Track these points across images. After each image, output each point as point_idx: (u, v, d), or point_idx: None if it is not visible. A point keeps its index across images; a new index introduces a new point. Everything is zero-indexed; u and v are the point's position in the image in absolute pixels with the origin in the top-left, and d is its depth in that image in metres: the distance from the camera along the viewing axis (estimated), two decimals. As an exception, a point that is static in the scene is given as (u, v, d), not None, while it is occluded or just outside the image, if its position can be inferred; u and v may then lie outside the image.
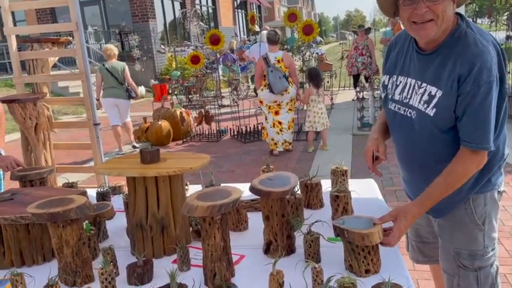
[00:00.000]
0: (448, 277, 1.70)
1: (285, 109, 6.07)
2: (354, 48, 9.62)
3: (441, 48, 1.47)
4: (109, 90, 6.63)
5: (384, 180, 4.76)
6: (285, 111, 6.07)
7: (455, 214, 1.63)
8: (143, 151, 1.57)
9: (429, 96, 1.49)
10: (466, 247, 1.62)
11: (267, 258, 1.51)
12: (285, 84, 5.78)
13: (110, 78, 6.56)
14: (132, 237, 1.57)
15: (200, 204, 1.28)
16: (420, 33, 1.44)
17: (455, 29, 1.46)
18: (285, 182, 1.54)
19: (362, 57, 9.49)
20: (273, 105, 6.03)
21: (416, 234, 1.95)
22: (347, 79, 12.05)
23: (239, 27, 25.29)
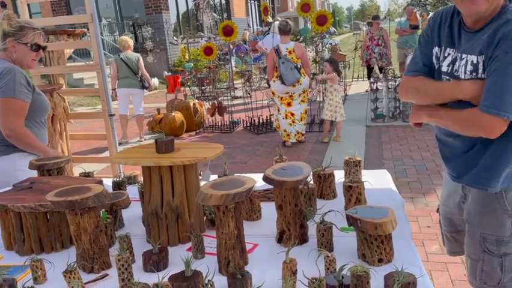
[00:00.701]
0: (472, 262, 1.71)
1: (298, 100, 6.04)
2: (369, 39, 9.51)
3: (488, 26, 1.48)
4: (124, 80, 6.79)
5: (398, 172, 4.73)
6: (297, 102, 6.05)
7: (485, 199, 1.63)
8: (159, 141, 1.59)
9: (473, 66, 1.50)
10: (493, 232, 1.63)
11: (280, 247, 1.53)
12: (297, 76, 5.75)
13: (125, 68, 6.69)
14: (147, 226, 1.60)
15: (214, 193, 1.30)
16: (471, 7, 1.44)
17: (503, 7, 1.47)
18: (298, 172, 1.55)
19: (378, 47, 9.40)
20: (285, 96, 6.02)
21: (450, 224, 1.96)
22: (361, 70, 11.95)
23: (252, 18, 25.17)
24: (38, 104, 2.35)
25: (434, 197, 3.94)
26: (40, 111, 2.39)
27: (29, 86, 2.29)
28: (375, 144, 5.99)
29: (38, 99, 2.35)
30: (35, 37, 2.31)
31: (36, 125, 2.40)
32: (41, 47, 2.36)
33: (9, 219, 1.59)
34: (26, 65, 2.38)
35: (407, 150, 5.54)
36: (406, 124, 6.89)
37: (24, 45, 2.30)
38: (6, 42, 2.29)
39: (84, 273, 1.40)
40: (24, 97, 2.26)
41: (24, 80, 2.26)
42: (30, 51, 2.33)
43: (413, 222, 3.40)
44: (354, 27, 42.24)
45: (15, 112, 2.25)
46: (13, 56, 2.32)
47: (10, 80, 2.21)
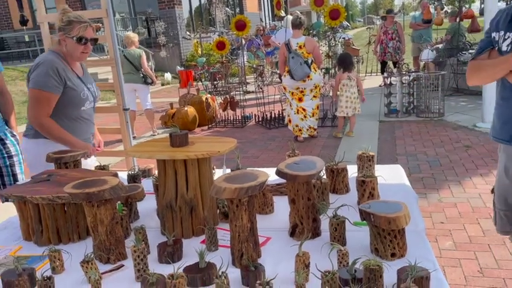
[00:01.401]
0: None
1: (309, 96, 6.01)
2: (383, 33, 9.41)
3: None
4: (126, 76, 6.85)
5: (411, 168, 4.70)
6: (309, 98, 6.01)
7: None
8: (173, 135, 1.61)
9: None
10: None
11: (292, 240, 1.54)
12: (306, 71, 5.70)
13: (127, 64, 6.74)
14: (162, 218, 1.62)
15: (228, 186, 1.31)
16: None
17: None
18: (311, 166, 1.55)
19: (392, 41, 9.30)
20: (296, 91, 6.00)
21: (505, 202, 2.00)
22: (374, 65, 11.84)
23: (264, 12, 25.07)
24: (68, 99, 2.38)
25: (448, 193, 3.90)
26: (71, 106, 2.41)
27: (60, 79, 2.32)
28: (388, 139, 5.94)
29: (69, 93, 2.38)
30: (80, 30, 2.35)
31: (66, 119, 2.42)
32: (87, 39, 2.39)
33: (27, 210, 1.63)
34: (76, 58, 2.43)
35: (420, 145, 5.49)
36: (420, 119, 6.83)
37: (71, 39, 2.35)
38: (59, 37, 2.38)
39: (100, 263, 1.43)
40: (52, 89, 2.30)
41: (55, 73, 2.30)
42: (78, 45, 2.37)
43: (427, 218, 3.38)
44: (367, 21, 41.79)
45: (41, 103, 2.31)
46: (64, 50, 2.39)
47: (41, 72, 2.28)
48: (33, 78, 2.30)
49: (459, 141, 5.49)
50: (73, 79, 2.40)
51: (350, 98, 6.05)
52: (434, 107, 6.88)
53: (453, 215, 3.44)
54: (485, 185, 3.91)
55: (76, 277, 1.35)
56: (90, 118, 2.57)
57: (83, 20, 2.38)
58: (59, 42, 2.39)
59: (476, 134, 5.77)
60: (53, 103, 2.33)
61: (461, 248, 2.95)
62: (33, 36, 15.62)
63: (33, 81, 2.30)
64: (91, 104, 2.54)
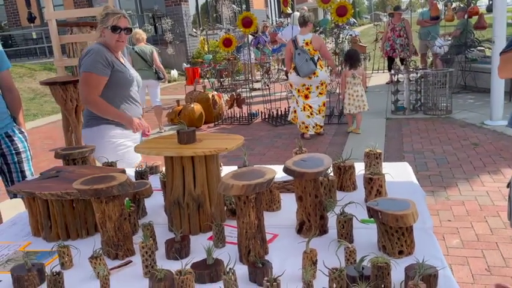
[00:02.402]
0: None
1: (315, 93, 6.00)
2: (391, 30, 9.34)
3: None
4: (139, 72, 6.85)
5: (419, 165, 4.68)
6: (315, 95, 6.00)
7: None
8: (181, 132, 1.62)
9: None
10: None
11: (299, 237, 1.54)
12: (312, 67, 5.69)
13: (140, 60, 6.77)
14: (170, 214, 1.63)
15: (235, 183, 1.32)
16: None
17: None
18: (318, 163, 1.55)
19: (400, 38, 9.24)
20: (302, 88, 5.99)
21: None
22: (381, 62, 11.77)
23: (271, 9, 25.01)
24: (117, 80, 2.64)
25: (456, 191, 3.88)
26: (121, 86, 2.68)
27: (108, 63, 2.59)
28: (395, 136, 5.91)
29: (117, 75, 2.64)
30: (114, 20, 2.59)
31: (118, 100, 2.68)
32: (120, 28, 2.61)
33: (36, 206, 1.65)
34: (113, 47, 2.67)
35: (428, 143, 5.45)
36: (427, 117, 6.78)
37: (107, 29, 2.60)
38: (99, 29, 2.65)
39: (109, 259, 1.44)
40: (100, 72, 2.57)
41: (102, 58, 2.57)
42: (112, 34, 2.61)
43: (434, 215, 3.36)
44: (374, 18, 41.52)
45: (90, 84, 2.59)
46: (104, 40, 2.65)
47: (90, 57, 2.58)
48: (84, 63, 2.59)
49: (467, 139, 5.45)
50: (118, 63, 2.67)
51: (353, 96, 6.03)
52: (441, 105, 6.83)
53: (460, 213, 3.42)
54: (493, 183, 3.87)
55: (85, 273, 1.37)
56: (138, 100, 2.83)
57: (117, 11, 2.65)
58: (100, 34, 2.65)
59: (484, 131, 5.72)
60: (101, 84, 2.59)
61: (469, 246, 2.93)
62: (40, 34, 15.71)
63: (83, 65, 2.59)
64: (136, 87, 2.81)
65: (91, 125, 2.71)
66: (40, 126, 8.47)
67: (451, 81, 6.83)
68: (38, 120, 9.02)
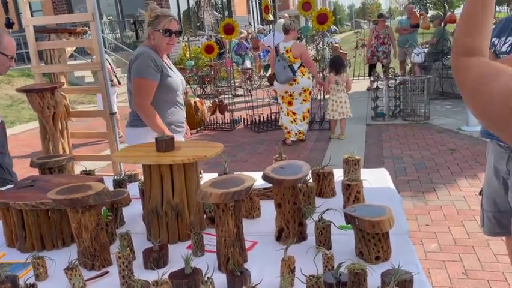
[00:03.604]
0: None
1: (299, 100, 6.06)
2: (375, 38, 9.48)
3: None
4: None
5: (398, 170, 4.75)
6: (298, 101, 6.07)
7: None
8: (159, 139, 1.61)
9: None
10: None
11: (278, 244, 1.54)
12: (289, 75, 5.76)
13: None
14: (148, 223, 1.61)
15: (214, 191, 1.32)
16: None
17: None
18: (297, 170, 1.56)
19: (384, 46, 9.40)
20: (286, 95, 6.05)
21: (494, 204, 2.04)
22: (361, 68, 11.94)
23: (253, 16, 25.16)
24: (166, 84, 2.63)
25: (433, 196, 3.95)
26: (169, 91, 2.66)
27: (157, 67, 2.57)
28: (375, 142, 6.00)
29: (166, 79, 2.62)
30: (165, 23, 2.58)
31: (167, 104, 2.67)
32: (172, 31, 2.60)
33: (11, 216, 1.61)
34: (163, 50, 2.67)
35: (406, 148, 5.55)
36: (406, 123, 6.90)
37: (158, 32, 2.59)
38: (148, 32, 2.63)
39: (85, 270, 1.42)
40: (151, 76, 2.55)
41: (151, 62, 2.55)
42: (163, 37, 2.60)
43: (412, 220, 3.42)
44: (355, 25, 42.17)
45: (142, 89, 2.58)
46: (152, 43, 2.64)
47: (140, 62, 2.56)
48: (134, 68, 2.58)
49: (444, 145, 5.56)
50: (166, 67, 2.66)
51: (336, 102, 6.10)
52: (419, 111, 6.96)
53: (438, 218, 3.48)
54: (469, 188, 3.96)
55: (60, 284, 1.34)
56: (183, 103, 2.83)
57: (168, 14, 2.61)
58: (149, 36, 2.64)
59: (461, 137, 5.85)
60: (152, 89, 2.58)
61: (446, 250, 2.99)
62: (19, 39, 15.42)
63: (134, 71, 2.58)
64: (181, 91, 2.80)
65: (137, 125, 2.69)
66: (18, 134, 8.29)
67: (429, 87, 6.97)
68: (16, 128, 8.84)
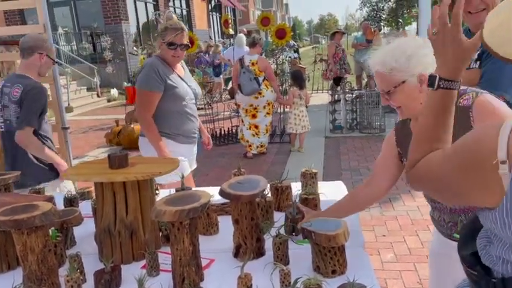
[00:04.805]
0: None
1: (263, 113, 6.13)
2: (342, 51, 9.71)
3: None
4: None
5: (355, 182, 4.85)
6: (262, 114, 6.13)
7: None
8: (111, 156, 1.56)
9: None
10: None
11: (236, 261, 1.52)
12: (255, 87, 5.83)
13: None
14: (100, 243, 1.55)
15: (168, 209, 1.29)
16: (475, 21, 1.76)
17: None
18: (254, 185, 1.56)
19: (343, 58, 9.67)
20: (250, 108, 6.09)
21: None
22: (320, 82, 12.21)
23: (213, 30, 25.24)
24: (171, 94, 2.62)
25: (389, 206, 4.06)
26: (174, 100, 2.65)
27: (161, 78, 2.58)
28: (334, 155, 6.11)
29: (171, 90, 2.62)
30: (171, 36, 2.58)
31: (172, 113, 2.67)
32: (176, 45, 2.59)
33: (-51, 240, 1.50)
34: (169, 62, 2.67)
35: (363, 160, 5.69)
36: (363, 135, 7.10)
37: (164, 44, 2.60)
38: (158, 42, 2.65)
39: (31, 295, 1.34)
40: (152, 88, 2.58)
41: (156, 73, 2.57)
42: (168, 49, 2.60)
43: (369, 231, 3.49)
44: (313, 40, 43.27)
45: (143, 100, 2.62)
46: (161, 54, 2.66)
47: (143, 73, 2.61)
48: (138, 79, 2.64)
49: (399, 156, 5.74)
50: (173, 78, 2.65)
51: (299, 116, 6.20)
52: (375, 123, 7.19)
53: (394, 228, 3.58)
54: (422, 198, 4.07)
55: (3, 312, 1.26)
56: (193, 113, 2.80)
57: (177, 26, 2.60)
58: (159, 47, 2.66)
59: (415, 148, 6.07)
60: (154, 100, 2.60)
61: (402, 260, 3.06)
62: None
63: (138, 82, 2.64)
64: (192, 100, 2.78)
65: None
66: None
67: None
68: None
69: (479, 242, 0.89)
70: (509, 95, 1.82)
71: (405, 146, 1.61)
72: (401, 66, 1.39)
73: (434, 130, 0.98)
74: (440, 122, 0.98)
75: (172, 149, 2.69)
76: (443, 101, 0.97)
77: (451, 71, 0.96)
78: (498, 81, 1.79)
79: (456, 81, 0.97)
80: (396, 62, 1.39)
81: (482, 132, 0.82)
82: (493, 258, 0.82)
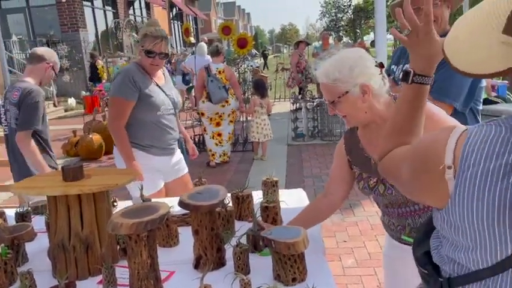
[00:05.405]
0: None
1: (227, 121, 6.14)
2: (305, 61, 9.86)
3: None
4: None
5: (317, 189, 4.92)
6: (226, 122, 6.14)
7: None
8: (65, 168, 1.51)
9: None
10: None
11: (197, 273, 1.50)
12: (224, 95, 5.87)
13: None
14: (53, 259, 1.49)
15: (125, 221, 1.26)
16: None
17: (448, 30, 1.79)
18: (214, 195, 1.55)
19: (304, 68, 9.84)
20: (215, 116, 6.08)
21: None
22: (282, 91, 12.36)
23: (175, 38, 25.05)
24: (144, 103, 2.54)
25: (350, 212, 4.15)
26: (147, 110, 2.56)
27: (135, 86, 2.50)
28: (296, 162, 6.19)
29: (145, 99, 2.54)
30: (150, 44, 2.50)
31: (145, 123, 2.59)
32: (155, 53, 2.52)
33: None
34: (147, 70, 2.59)
35: (325, 167, 5.79)
36: (324, 142, 7.23)
37: (142, 51, 2.53)
38: (138, 48, 2.60)
39: (-23, 317, 1.27)
40: (126, 95, 2.50)
41: (130, 81, 2.49)
42: (146, 57, 2.53)
43: (331, 237, 3.55)
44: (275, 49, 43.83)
45: (114, 108, 2.57)
46: (139, 61, 2.60)
47: (117, 81, 2.55)
48: (112, 86, 2.61)
49: (359, 163, 5.88)
50: (149, 86, 2.56)
51: (261, 125, 6.24)
52: (336, 131, 7.35)
53: (355, 233, 3.66)
54: (382, 203, 4.21)
55: None
56: (170, 124, 2.69)
57: (157, 34, 2.52)
58: (139, 53, 2.60)
59: (374, 155, 6.24)
60: (126, 108, 2.51)
61: (362, 265, 3.13)
62: None
63: (111, 88, 2.60)
64: (170, 110, 2.69)
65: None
66: None
67: (344, 109, 7.39)
68: None
69: (432, 242, 0.93)
70: (458, 103, 1.92)
71: (354, 154, 1.65)
72: (344, 77, 1.44)
73: (406, 123, 1.03)
74: (412, 115, 1.03)
75: (144, 162, 2.61)
76: (416, 96, 1.02)
77: (424, 66, 1.01)
78: (448, 90, 1.87)
79: (429, 76, 1.02)
80: (340, 73, 1.44)
81: (435, 137, 0.86)
82: (443, 258, 0.86)
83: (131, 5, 19.45)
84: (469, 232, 0.75)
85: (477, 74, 0.73)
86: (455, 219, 0.77)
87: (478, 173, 0.72)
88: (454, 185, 0.76)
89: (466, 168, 0.74)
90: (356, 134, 1.65)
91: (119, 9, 17.62)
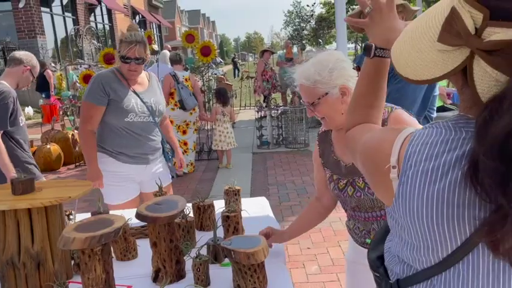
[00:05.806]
0: None
1: (192, 129, 6.11)
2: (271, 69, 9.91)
3: None
4: None
5: (282, 196, 4.95)
6: (192, 130, 6.11)
7: None
8: (14, 181, 1.44)
9: None
10: None
11: (156, 286, 1.47)
12: (195, 102, 5.91)
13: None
14: (2, 277, 1.42)
15: (78, 235, 1.21)
16: None
17: None
18: (172, 206, 1.52)
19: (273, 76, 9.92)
20: (183, 124, 6.03)
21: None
22: (248, 99, 12.40)
23: (138, 46, 24.67)
24: (112, 109, 2.51)
25: (314, 219, 4.19)
26: (115, 116, 2.52)
27: (104, 92, 2.48)
28: (261, 170, 6.20)
29: (113, 105, 2.51)
30: (125, 50, 2.46)
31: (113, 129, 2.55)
32: (130, 59, 2.47)
33: None
34: (126, 75, 2.56)
35: (289, 175, 5.84)
36: (289, 150, 7.30)
37: (119, 57, 2.50)
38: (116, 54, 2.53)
39: None
40: (94, 100, 2.49)
41: (98, 85, 2.48)
42: (123, 63, 2.50)
43: (295, 244, 3.57)
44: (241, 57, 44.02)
45: (83, 113, 2.56)
46: (119, 66, 2.57)
47: (88, 85, 2.55)
48: (85, 91, 2.59)
49: (323, 170, 5.96)
50: (120, 91, 2.53)
51: (223, 133, 6.22)
52: (300, 138, 7.43)
53: (318, 240, 3.69)
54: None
55: None
56: (143, 132, 2.62)
57: (131, 39, 2.47)
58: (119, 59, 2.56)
59: (337, 162, 6.35)
60: (94, 113, 2.51)
61: (326, 271, 3.16)
62: None
63: (84, 95, 2.57)
64: (144, 118, 2.60)
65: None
66: None
67: (307, 117, 7.49)
68: None
69: (386, 244, 0.95)
70: (413, 112, 1.98)
71: (326, 156, 1.69)
72: (324, 79, 1.47)
73: (369, 96, 1.05)
74: (375, 88, 1.05)
75: (114, 169, 2.58)
76: (377, 69, 1.04)
77: (385, 40, 1.03)
78: (401, 99, 1.93)
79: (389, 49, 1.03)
80: (319, 75, 1.47)
81: (384, 135, 0.89)
82: (394, 258, 0.88)
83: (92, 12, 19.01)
84: (413, 231, 0.77)
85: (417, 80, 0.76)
86: (400, 217, 0.79)
87: (418, 172, 0.74)
88: (398, 184, 0.78)
89: (407, 168, 0.76)
90: (330, 137, 1.69)
91: (80, 16, 17.16)
